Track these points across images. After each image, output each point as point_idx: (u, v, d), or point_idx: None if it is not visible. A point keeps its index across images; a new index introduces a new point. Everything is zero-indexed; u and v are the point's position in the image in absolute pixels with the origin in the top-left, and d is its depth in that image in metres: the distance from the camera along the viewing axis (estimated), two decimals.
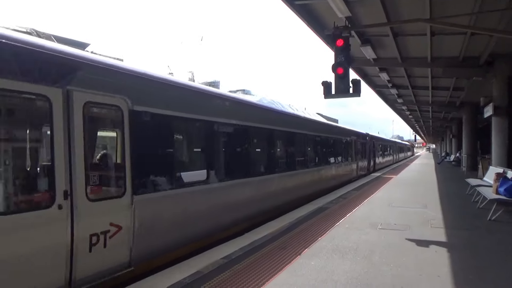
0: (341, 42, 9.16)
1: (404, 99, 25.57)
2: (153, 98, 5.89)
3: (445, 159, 39.51)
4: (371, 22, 10.76)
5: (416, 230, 7.76)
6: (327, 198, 12.47)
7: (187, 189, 6.55)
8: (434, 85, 19.76)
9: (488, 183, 11.21)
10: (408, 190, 14.61)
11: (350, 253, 6.11)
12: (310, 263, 5.58)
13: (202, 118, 7.16)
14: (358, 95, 9.27)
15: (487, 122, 18.13)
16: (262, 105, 10.64)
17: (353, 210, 10.11)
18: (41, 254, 4.07)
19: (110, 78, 5.18)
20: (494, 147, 13.99)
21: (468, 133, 25.28)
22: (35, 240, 4.02)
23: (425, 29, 11.22)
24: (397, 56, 14.14)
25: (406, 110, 33.83)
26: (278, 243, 6.72)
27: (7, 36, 4.06)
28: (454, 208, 10.50)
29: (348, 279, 4.92)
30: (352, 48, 9.97)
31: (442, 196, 12.77)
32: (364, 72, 19.20)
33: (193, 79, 49.88)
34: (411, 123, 52.31)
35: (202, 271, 5.21)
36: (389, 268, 5.37)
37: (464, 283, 4.81)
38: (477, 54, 13.49)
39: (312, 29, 11.75)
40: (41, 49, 4.37)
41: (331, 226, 8.07)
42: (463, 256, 5.97)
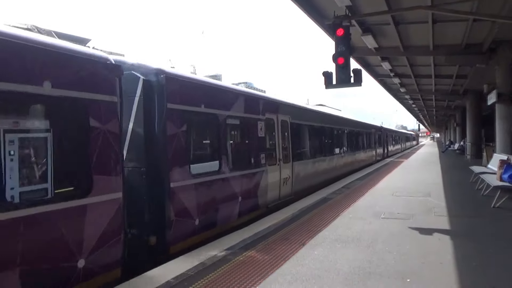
0: (341, 31, 9.10)
1: (407, 88, 25.44)
2: (296, 116, 11.92)
3: (449, 148, 39.35)
4: (372, 10, 10.67)
5: (419, 218, 7.76)
6: (331, 189, 12.48)
7: (310, 160, 13.05)
8: (437, 73, 19.63)
9: (492, 171, 11.16)
10: (411, 179, 14.58)
11: (353, 242, 6.12)
12: (313, 253, 5.60)
13: (317, 125, 14.32)
14: (359, 85, 9.23)
15: (491, 110, 18.01)
16: (330, 114, 18.40)
17: (357, 200, 10.12)
18: (275, 183, 9.89)
19: (286, 109, 11.15)
20: (498, 134, 13.91)
21: (472, 121, 25.12)
22: (274, 176, 9.90)
23: (426, 17, 11.12)
24: (399, 44, 14.03)
25: (409, 99, 33.69)
26: (281, 234, 6.75)
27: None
28: (457, 196, 10.49)
29: (351, 268, 4.94)
30: (353, 38, 9.91)
31: (446, 185, 12.74)
32: (365, 62, 19.10)
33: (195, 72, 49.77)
34: (414, 112, 52.12)
35: (205, 263, 5.25)
36: (392, 256, 5.39)
37: (467, 270, 4.82)
38: (480, 41, 13.36)
39: (313, 19, 11.67)
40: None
41: (335, 216, 8.09)
42: (466, 244, 5.97)
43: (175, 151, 6.23)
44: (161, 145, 6.04)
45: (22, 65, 3.98)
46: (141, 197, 5.79)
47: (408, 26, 12.47)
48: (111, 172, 4.89)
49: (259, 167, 9.05)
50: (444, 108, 38.30)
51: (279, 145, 10.40)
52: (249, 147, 8.99)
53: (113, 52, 6.97)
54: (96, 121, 4.73)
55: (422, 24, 11.87)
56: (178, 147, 6.33)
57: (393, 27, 12.14)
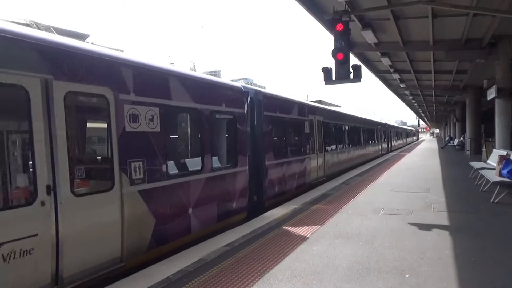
0: (341, 26, 9.06)
1: (406, 84, 25.40)
2: (327, 116, 14.94)
3: (449, 143, 39.35)
4: (371, 5, 10.63)
5: (418, 214, 7.77)
6: (331, 185, 12.49)
7: (336, 151, 16.12)
8: (437, 68, 19.58)
9: (492, 166, 11.17)
10: (411, 175, 14.60)
11: (353, 238, 6.13)
12: (312, 249, 5.62)
13: (340, 123, 17.78)
14: (359, 81, 9.21)
15: (491, 105, 17.98)
16: (349, 114, 21.54)
17: (356, 196, 10.13)
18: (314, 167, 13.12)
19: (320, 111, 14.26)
20: (498, 129, 13.90)
21: (471, 116, 25.09)
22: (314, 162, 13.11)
23: (426, 12, 11.07)
24: (399, 40, 13.99)
25: (409, 95, 33.65)
26: (280, 230, 6.76)
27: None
28: (457, 192, 10.50)
29: (350, 264, 4.95)
30: (353, 33, 9.87)
31: (445, 180, 12.76)
32: (365, 57, 19.05)
33: (194, 69, 49.69)
34: (414, 108, 52.08)
35: (205, 259, 5.26)
36: (391, 252, 5.40)
37: (466, 265, 4.83)
38: (480, 36, 13.32)
39: (312, 14, 11.63)
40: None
41: (334, 212, 8.10)
42: (465, 239, 5.98)
43: (267, 142, 9.75)
44: (260, 138, 9.43)
45: (219, 98, 7.54)
46: (250, 171, 8.58)
47: (408, 21, 12.43)
48: (244, 154, 8.29)
49: (306, 155, 12.43)
50: (443, 104, 38.27)
51: (316, 139, 13.56)
52: (301, 140, 12.40)
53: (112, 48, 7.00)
54: (239, 124, 8.12)
55: (422, 19, 11.82)
56: (268, 139, 9.93)
57: (393, 22, 12.09)
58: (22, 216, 3.94)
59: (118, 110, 5.08)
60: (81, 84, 4.64)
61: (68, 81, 4.47)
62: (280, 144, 11.11)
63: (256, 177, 9.07)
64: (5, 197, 4.25)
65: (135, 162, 5.26)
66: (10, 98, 4.25)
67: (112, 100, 5.01)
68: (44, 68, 4.21)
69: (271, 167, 9.78)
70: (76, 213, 4.43)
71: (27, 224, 3.96)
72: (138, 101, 5.37)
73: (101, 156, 5.92)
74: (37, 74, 4.13)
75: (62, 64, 4.43)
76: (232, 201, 7.66)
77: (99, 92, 4.90)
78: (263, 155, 9.43)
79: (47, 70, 4.23)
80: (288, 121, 11.36)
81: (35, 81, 4.09)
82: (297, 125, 12.18)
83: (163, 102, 5.86)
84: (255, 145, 9.21)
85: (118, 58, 5.31)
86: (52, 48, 4.40)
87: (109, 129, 5.00)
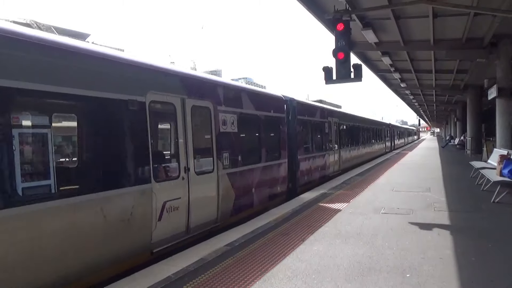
0: (341, 26, 9.07)
1: (407, 83, 25.37)
2: (341, 118, 17.59)
3: (450, 143, 39.31)
4: (372, 5, 10.62)
5: (419, 213, 7.77)
6: (331, 184, 12.50)
7: (348, 149, 18.42)
8: (438, 68, 19.56)
9: (492, 166, 11.15)
10: (411, 174, 14.60)
11: (353, 237, 6.13)
12: (313, 249, 5.62)
13: (352, 124, 20.04)
14: (360, 80, 9.21)
15: (492, 105, 17.97)
16: (359, 116, 24.46)
17: (357, 195, 10.13)
18: (332, 162, 15.59)
19: (335, 114, 16.99)
20: (498, 129, 13.89)
21: (472, 116, 25.06)
22: (331, 158, 15.64)
23: (427, 11, 11.05)
24: (399, 39, 13.97)
25: (409, 95, 33.63)
26: (281, 230, 6.76)
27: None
28: (457, 191, 10.50)
29: (350, 263, 4.95)
30: (353, 32, 9.88)
31: (446, 180, 12.75)
32: (366, 57, 19.04)
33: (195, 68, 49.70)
34: (414, 107, 52.01)
35: (205, 258, 5.26)
36: (392, 251, 5.40)
37: (467, 265, 4.83)
38: (481, 35, 13.31)
39: (313, 14, 11.62)
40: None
41: (335, 212, 8.10)
42: (466, 239, 5.98)
43: (299, 140, 12.05)
44: (294, 136, 11.58)
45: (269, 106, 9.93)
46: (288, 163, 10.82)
47: (408, 21, 12.41)
48: (285, 150, 10.56)
49: (326, 152, 14.86)
50: (444, 103, 38.23)
51: (333, 138, 16.01)
52: (322, 139, 14.79)
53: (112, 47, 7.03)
54: (281, 126, 10.52)
55: (423, 18, 11.81)
56: (299, 138, 12.16)
57: (394, 21, 12.08)
58: (174, 185, 6.12)
59: (215, 117, 7.31)
60: (198, 100, 6.88)
61: (193, 99, 6.68)
62: (308, 142, 13.36)
63: (291, 168, 11.21)
64: (165, 173, 6.38)
65: (225, 153, 7.46)
66: (167, 111, 6.62)
67: (212, 110, 7.23)
68: (182, 91, 6.45)
69: (301, 160, 12.17)
70: (196, 186, 6.54)
71: (176, 190, 6.11)
72: (226, 110, 7.68)
73: (206, 149, 7.52)
74: (179, 95, 6.38)
75: (191, 88, 6.70)
76: (277, 185, 10.07)
77: (206, 105, 7.15)
78: (296, 151, 11.73)
79: (184, 92, 6.48)
80: (313, 123, 13.82)
81: (178, 100, 6.35)
82: (320, 126, 14.62)
83: (239, 111, 8.22)
84: (290, 142, 11.24)
85: (215, 81, 7.96)
86: (187, 79, 6.80)
87: (211, 130, 7.20)
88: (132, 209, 5.22)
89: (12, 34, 4.05)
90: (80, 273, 4.48)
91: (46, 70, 4.33)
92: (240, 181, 7.99)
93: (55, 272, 4.22)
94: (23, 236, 3.91)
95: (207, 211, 6.86)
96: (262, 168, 9.15)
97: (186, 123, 6.41)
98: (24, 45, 4.12)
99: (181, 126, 6.33)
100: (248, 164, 8.50)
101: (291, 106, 11.59)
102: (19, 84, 3.99)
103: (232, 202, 7.70)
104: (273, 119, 10.14)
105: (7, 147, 3.89)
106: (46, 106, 4.76)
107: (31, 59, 4.21)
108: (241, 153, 8.16)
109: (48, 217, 4.19)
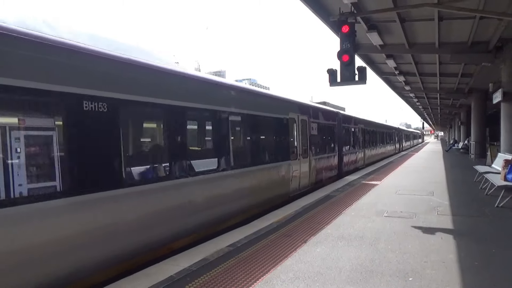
0: (346, 28, 9.05)
1: (411, 86, 25.28)
2: (366, 124, 23.25)
3: (454, 147, 39.14)
4: (377, 7, 10.59)
5: (422, 217, 7.74)
6: (334, 186, 12.48)
7: (370, 148, 24.20)
8: (442, 71, 19.49)
9: (497, 170, 11.10)
10: (415, 177, 14.55)
11: (356, 240, 6.12)
12: (315, 251, 5.61)
13: (371, 129, 25.14)
14: (364, 83, 9.20)
15: (496, 109, 17.88)
16: (376, 122, 29.57)
17: (359, 198, 10.11)
18: (359, 158, 21.41)
19: (361, 121, 22.51)
20: (503, 133, 13.82)
21: (476, 120, 24.95)
22: (359, 155, 21.26)
23: (432, 14, 11.02)
24: (404, 42, 13.93)
25: (413, 98, 33.49)
26: (283, 231, 6.76)
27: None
28: (461, 195, 10.45)
29: (353, 266, 4.94)
30: (358, 35, 9.86)
31: (450, 183, 12.70)
32: (370, 59, 18.99)
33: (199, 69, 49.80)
34: (418, 110, 51.82)
35: (208, 258, 5.27)
36: (395, 255, 5.38)
37: (470, 270, 4.81)
38: (486, 39, 13.25)
39: (318, 16, 11.61)
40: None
41: (337, 214, 8.09)
42: (469, 243, 5.95)
43: (342, 141, 17.07)
44: (340, 138, 16.63)
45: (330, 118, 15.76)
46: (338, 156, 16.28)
47: (413, 24, 12.38)
48: (336, 146, 16.04)
49: (356, 150, 20.27)
50: (448, 107, 38.06)
51: (361, 140, 21.33)
52: (354, 140, 19.97)
53: None
54: (335, 131, 16.08)
55: (428, 21, 11.78)
56: (343, 139, 17.18)
57: (399, 24, 12.05)
58: (295, 163, 11.29)
59: (309, 125, 12.49)
60: (302, 116, 12.02)
61: (300, 115, 11.91)
62: (347, 143, 18.47)
63: (338, 160, 16.23)
64: (293, 156, 11.19)
65: (313, 147, 12.77)
66: (290, 123, 11.16)
67: (307, 121, 12.42)
68: (297, 111, 11.76)
69: (344, 155, 17.29)
70: (302, 164, 11.81)
71: (296, 166, 11.28)
72: (313, 121, 12.94)
73: (306, 143, 12.38)
74: (296, 114, 11.60)
75: (300, 110, 12.05)
76: (333, 169, 15.42)
77: (305, 118, 12.25)
78: (341, 148, 16.84)
79: (298, 112, 11.78)
80: (350, 129, 19.39)
81: (296, 116, 11.54)
82: (353, 131, 19.99)
83: (318, 121, 13.57)
84: (339, 142, 16.46)
85: (309, 105, 13.66)
86: (299, 104, 12.34)
87: (307, 133, 12.30)
88: (284, 173, 10.55)
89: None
90: (266, 201, 9.36)
91: (263, 106, 9.96)
92: (318, 164, 13.39)
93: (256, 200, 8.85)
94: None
95: (306, 179, 12.11)
96: (327, 157, 14.62)
97: (298, 128, 11.66)
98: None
99: (297, 130, 11.60)
100: (322, 154, 13.95)
101: (338, 118, 16.68)
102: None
103: (315, 176, 12.99)
104: (332, 126, 15.66)
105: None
106: (263, 123, 9.79)
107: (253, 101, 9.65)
108: (319, 148, 13.70)
109: (262, 171, 9.38)
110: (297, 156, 11.48)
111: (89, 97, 4.75)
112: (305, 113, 12.24)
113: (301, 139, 11.82)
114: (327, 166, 14.48)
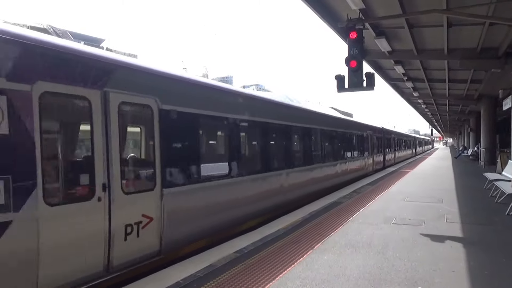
0: (354, 34, 9.05)
1: (420, 92, 25.12)
2: (384, 133, 26.65)
3: (463, 153, 38.73)
4: (386, 13, 10.58)
5: (431, 225, 7.66)
6: (341, 193, 12.40)
7: (391, 153, 29.78)
8: (451, 77, 19.34)
9: (507, 178, 10.96)
10: (423, 184, 14.41)
11: (364, 248, 6.07)
12: (322, 258, 5.58)
13: (391, 136, 29.74)
14: (372, 89, 9.16)
15: (507, 115, 17.67)
16: (395, 131, 36.91)
17: (367, 204, 10.03)
18: (377, 161, 24.62)
19: (377, 129, 24.84)
20: None
21: (486, 126, 24.66)
22: (378, 158, 24.69)
23: (441, 20, 10.97)
24: (413, 48, 13.87)
25: (422, 104, 33.25)
26: (290, 238, 6.73)
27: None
28: (470, 203, 10.32)
29: (360, 274, 4.89)
30: (366, 41, 9.83)
31: (459, 191, 12.56)
32: (378, 65, 18.93)
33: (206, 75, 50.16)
34: (427, 116, 51.44)
35: (215, 265, 5.27)
36: (403, 263, 5.32)
37: (480, 279, 4.74)
38: (496, 45, 13.13)
39: (326, 22, 11.62)
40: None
41: (345, 221, 8.03)
42: (479, 252, 5.87)
43: (384, 146, 26.15)
44: (382, 145, 25.34)
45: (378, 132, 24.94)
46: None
47: (422, 30, 12.33)
48: (382, 149, 25.40)
49: (391, 152, 28.65)
50: (457, 113, 37.73)
51: (392, 145, 29.22)
52: (390, 146, 28.25)
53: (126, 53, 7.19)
54: (381, 140, 25.02)
55: (437, 27, 11.72)
56: (384, 145, 26.07)
57: (407, 30, 12.01)
58: (370, 158, 21.57)
59: (372, 139, 21.59)
60: (373, 133, 22.61)
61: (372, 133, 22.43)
62: (383, 148, 25.38)
63: (382, 158, 24.43)
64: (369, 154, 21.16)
65: (375, 149, 22.52)
66: (366, 137, 21.31)
67: (369, 136, 21.08)
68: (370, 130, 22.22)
69: (385, 154, 25.69)
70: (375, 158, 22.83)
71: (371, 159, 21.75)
72: (373, 134, 22.23)
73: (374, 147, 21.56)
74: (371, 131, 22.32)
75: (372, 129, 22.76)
76: (380, 164, 23.85)
77: (372, 133, 21.94)
78: (384, 151, 25.12)
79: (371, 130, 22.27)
80: (388, 138, 27.39)
81: (370, 133, 22.08)
82: (389, 139, 27.99)
83: (377, 135, 23.46)
84: (383, 147, 24.99)
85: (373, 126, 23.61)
86: (373, 128, 23.56)
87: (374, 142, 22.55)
88: (371, 161, 20.91)
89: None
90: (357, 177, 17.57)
91: (356, 127, 19.04)
92: (378, 158, 22.21)
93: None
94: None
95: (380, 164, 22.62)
96: (380, 155, 23.69)
97: (373, 140, 21.18)
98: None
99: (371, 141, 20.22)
100: (377, 154, 22.61)
101: (383, 131, 25.34)
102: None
103: (374, 167, 21.31)
104: (379, 136, 23.64)
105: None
106: (360, 138, 19.12)
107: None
108: (377, 149, 22.44)
109: (359, 160, 18.86)
110: (371, 154, 21.19)
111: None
112: (374, 131, 22.74)
113: (371, 145, 21.26)
114: (380, 160, 24.16)
